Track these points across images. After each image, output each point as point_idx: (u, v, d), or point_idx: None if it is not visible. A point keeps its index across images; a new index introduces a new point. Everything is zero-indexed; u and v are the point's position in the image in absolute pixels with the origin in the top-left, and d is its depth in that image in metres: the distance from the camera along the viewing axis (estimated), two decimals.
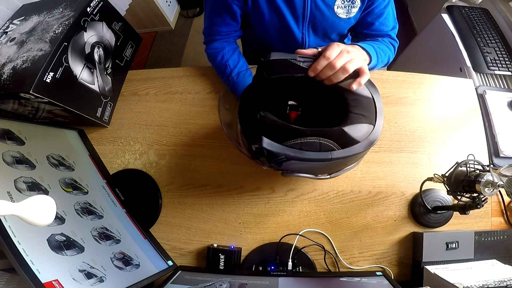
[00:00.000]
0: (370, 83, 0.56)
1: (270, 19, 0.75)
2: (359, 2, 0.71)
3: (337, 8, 0.71)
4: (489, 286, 0.52)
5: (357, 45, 0.64)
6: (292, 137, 0.48)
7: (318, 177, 0.59)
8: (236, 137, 0.62)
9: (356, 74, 0.53)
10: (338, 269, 0.71)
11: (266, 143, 0.47)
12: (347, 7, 0.72)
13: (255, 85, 0.58)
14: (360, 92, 0.54)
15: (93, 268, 0.56)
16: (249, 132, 0.54)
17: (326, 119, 0.56)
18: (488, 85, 0.97)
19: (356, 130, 0.50)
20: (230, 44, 0.84)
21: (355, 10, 0.73)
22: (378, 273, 0.64)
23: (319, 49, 0.53)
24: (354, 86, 0.52)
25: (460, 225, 0.73)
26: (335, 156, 0.49)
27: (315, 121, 0.56)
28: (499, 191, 0.70)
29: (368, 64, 0.65)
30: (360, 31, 0.80)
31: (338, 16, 0.73)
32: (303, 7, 0.72)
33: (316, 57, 0.52)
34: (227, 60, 0.81)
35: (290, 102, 0.63)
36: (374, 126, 0.52)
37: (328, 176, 0.60)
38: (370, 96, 0.54)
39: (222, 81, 0.84)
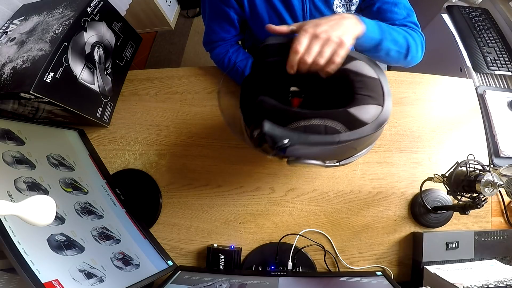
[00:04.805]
0: (375, 64, 0.52)
1: (270, 23, 0.74)
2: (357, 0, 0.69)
3: (336, 7, 0.71)
4: (489, 286, 0.52)
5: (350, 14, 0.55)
6: (294, 120, 0.46)
7: (326, 164, 0.54)
8: (239, 128, 0.59)
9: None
10: (338, 269, 0.71)
11: (268, 127, 0.45)
12: (345, 5, 0.71)
13: (254, 72, 0.56)
14: (366, 73, 0.50)
15: (93, 268, 0.56)
16: (250, 119, 0.52)
17: (332, 104, 0.51)
18: (488, 85, 0.97)
19: (364, 111, 0.47)
20: (233, 46, 0.84)
21: (353, 8, 0.71)
22: (378, 273, 0.64)
23: (292, 27, 0.50)
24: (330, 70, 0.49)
25: (460, 225, 0.73)
26: (343, 138, 0.46)
27: (320, 106, 0.53)
28: (499, 191, 0.70)
29: (364, 35, 0.55)
30: None
31: None
32: (302, 10, 0.71)
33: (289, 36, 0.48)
34: (235, 60, 0.81)
35: (292, 88, 0.59)
36: (382, 107, 0.48)
37: (338, 164, 0.57)
38: (377, 77, 0.50)
39: (239, 83, 0.83)
